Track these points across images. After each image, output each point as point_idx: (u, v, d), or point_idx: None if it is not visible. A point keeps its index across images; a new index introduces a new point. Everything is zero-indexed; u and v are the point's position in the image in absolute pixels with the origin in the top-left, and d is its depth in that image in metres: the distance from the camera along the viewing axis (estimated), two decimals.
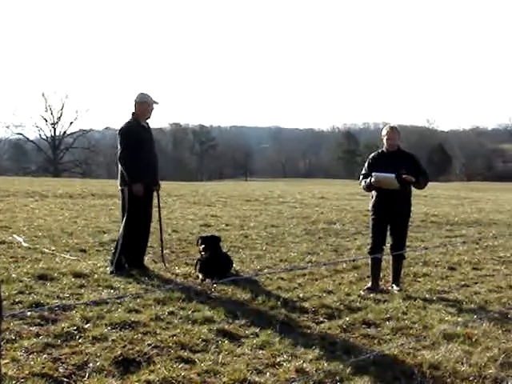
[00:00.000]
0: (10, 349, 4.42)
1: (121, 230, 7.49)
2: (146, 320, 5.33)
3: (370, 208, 7.40)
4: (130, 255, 7.49)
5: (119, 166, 7.57)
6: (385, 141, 7.22)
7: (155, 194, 7.80)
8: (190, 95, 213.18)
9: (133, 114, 7.62)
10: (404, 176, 6.96)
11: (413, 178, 7.01)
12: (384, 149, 7.27)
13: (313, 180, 67.92)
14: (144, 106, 7.61)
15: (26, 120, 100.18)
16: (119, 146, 7.55)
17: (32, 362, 4.22)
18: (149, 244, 9.15)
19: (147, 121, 7.75)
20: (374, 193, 7.27)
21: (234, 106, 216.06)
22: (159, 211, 7.95)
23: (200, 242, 7.72)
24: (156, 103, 7.68)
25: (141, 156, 7.44)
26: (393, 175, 6.91)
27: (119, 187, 7.61)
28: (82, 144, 74.18)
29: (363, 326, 5.60)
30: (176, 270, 7.66)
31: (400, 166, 6.99)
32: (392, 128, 7.28)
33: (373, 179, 7.03)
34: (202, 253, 7.56)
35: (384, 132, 7.26)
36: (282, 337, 5.07)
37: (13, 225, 11.25)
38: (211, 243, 7.64)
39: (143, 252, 7.73)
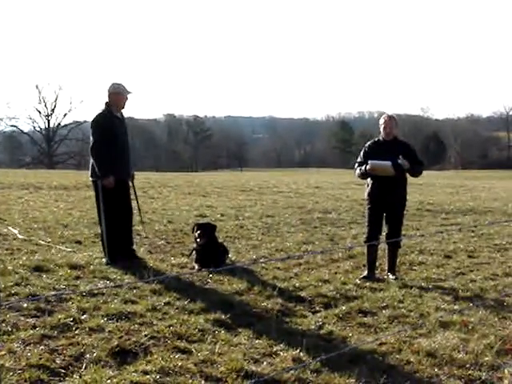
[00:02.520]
0: (6, 340, 4.41)
1: (103, 223, 7.42)
2: (143, 311, 5.32)
3: (365, 197, 7.39)
4: (119, 246, 7.47)
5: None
6: (382, 129, 7.19)
7: (131, 184, 7.79)
8: (184, 86, 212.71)
9: (106, 104, 7.48)
10: (400, 161, 6.92)
11: (408, 164, 6.98)
12: (380, 137, 7.25)
13: (308, 169, 67.81)
14: (118, 96, 7.48)
15: (20, 112, 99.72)
16: (91, 138, 7.43)
17: (29, 354, 4.21)
18: (144, 235, 9.21)
19: (122, 111, 7.64)
20: (369, 181, 7.25)
21: (229, 96, 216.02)
22: (137, 201, 8.09)
23: (196, 228, 7.71)
24: (129, 93, 7.58)
25: (113, 148, 7.34)
26: (389, 162, 6.90)
27: (90, 178, 7.53)
28: (77, 135, 73.62)
29: (359, 314, 5.61)
30: (172, 261, 7.65)
31: (396, 155, 6.96)
32: (390, 117, 7.23)
33: (368, 166, 7.01)
34: (198, 239, 7.54)
35: (381, 121, 7.22)
36: (279, 326, 5.08)
37: (8, 217, 11.21)
38: (207, 230, 7.62)
39: (130, 242, 7.71)
